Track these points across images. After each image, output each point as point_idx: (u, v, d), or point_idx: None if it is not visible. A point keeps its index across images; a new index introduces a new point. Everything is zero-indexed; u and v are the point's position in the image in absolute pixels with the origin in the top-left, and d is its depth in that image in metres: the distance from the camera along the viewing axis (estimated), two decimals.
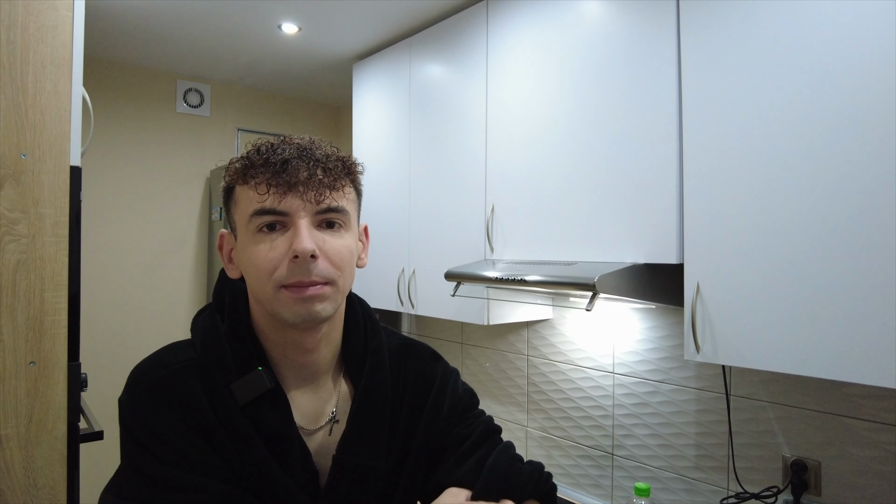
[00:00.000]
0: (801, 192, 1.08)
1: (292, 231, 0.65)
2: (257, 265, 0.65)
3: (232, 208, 0.70)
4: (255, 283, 0.67)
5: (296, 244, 0.64)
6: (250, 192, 0.66)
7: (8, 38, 1.13)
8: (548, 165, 1.58)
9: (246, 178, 0.67)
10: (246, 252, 0.67)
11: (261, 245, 0.65)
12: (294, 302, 0.65)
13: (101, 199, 2.63)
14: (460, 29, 1.91)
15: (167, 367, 0.67)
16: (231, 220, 0.71)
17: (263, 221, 0.65)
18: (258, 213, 0.65)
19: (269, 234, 0.65)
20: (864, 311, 0.99)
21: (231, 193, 0.70)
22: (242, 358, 0.69)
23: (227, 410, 0.66)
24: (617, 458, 1.75)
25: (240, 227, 0.68)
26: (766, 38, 1.14)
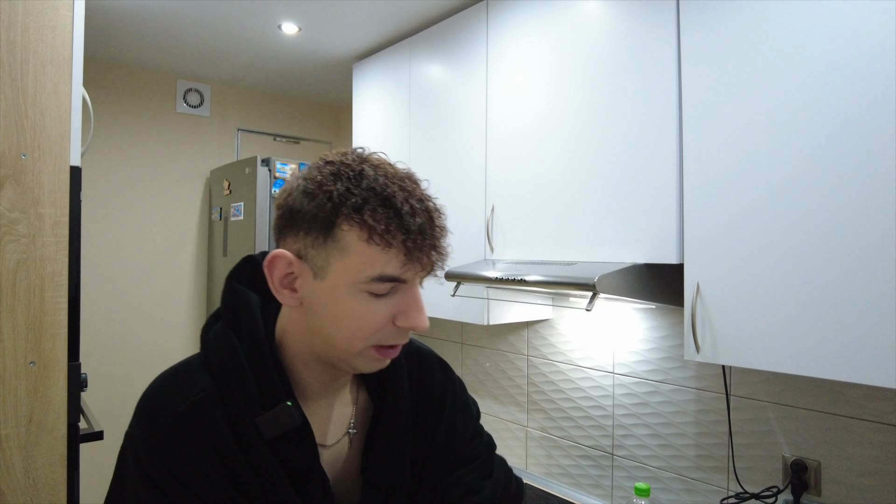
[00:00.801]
0: (801, 192, 1.08)
1: (403, 296, 0.61)
2: (359, 325, 0.61)
3: (331, 250, 0.59)
4: (341, 335, 0.62)
5: (417, 320, 0.61)
6: (378, 252, 0.58)
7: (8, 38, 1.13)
8: (548, 165, 1.58)
9: (373, 234, 0.58)
10: (344, 305, 0.60)
11: (368, 306, 0.60)
12: (378, 360, 0.64)
13: (101, 199, 2.63)
14: (460, 29, 1.91)
15: (186, 398, 0.62)
16: (317, 255, 0.60)
17: (384, 288, 0.60)
18: (382, 279, 0.59)
19: (379, 297, 0.61)
20: (864, 311, 0.99)
21: (332, 231, 0.59)
22: (267, 388, 0.63)
23: (251, 445, 0.62)
24: (617, 458, 1.75)
25: (339, 275, 0.60)
26: (767, 38, 1.14)
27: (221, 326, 0.67)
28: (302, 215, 0.60)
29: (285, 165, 2.44)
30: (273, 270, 0.63)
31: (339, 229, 0.59)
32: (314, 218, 0.60)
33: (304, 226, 0.61)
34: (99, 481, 2.62)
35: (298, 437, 0.64)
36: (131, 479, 0.62)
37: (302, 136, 3.20)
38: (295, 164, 2.47)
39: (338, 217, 0.59)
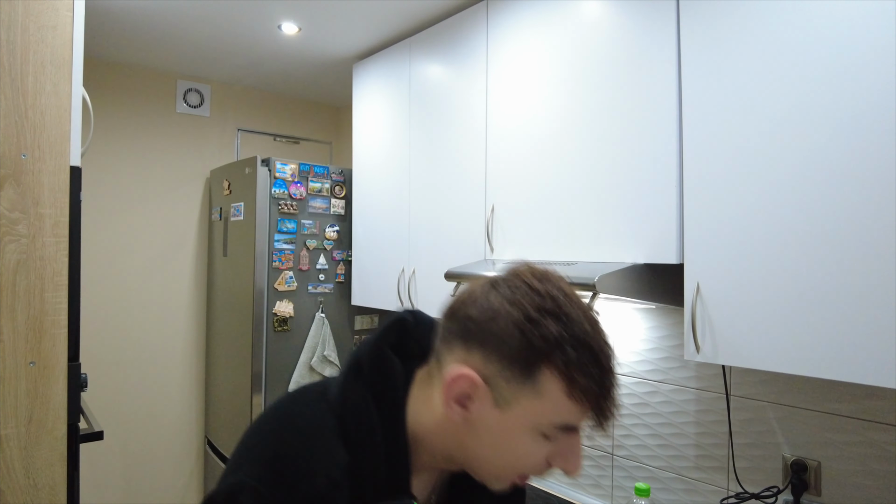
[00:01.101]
0: (801, 191, 1.08)
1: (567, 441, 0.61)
2: (518, 461, 0.61)
3: (526, 388, 0.58)
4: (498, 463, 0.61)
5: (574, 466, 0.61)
6: (573, 406, 0.58)
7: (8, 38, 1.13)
8: (548, 165, 1.58)
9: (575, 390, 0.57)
10: (514, 441, 0.60)
11: (535, 445, 0.60)
12: (514, 485, 0.64)
13: (101, 199, 2.63)
14: (460, 29, 1.91)
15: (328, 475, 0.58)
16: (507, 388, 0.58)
17: (555, 435, 0.59)
18: (567, 429, 0.59)
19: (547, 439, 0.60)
20: (864, 311, 0.99)
21: (535, 373, 0.57)
22: (394, 477, 0.61)
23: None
24: (617, 459, 1.75)
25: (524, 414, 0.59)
26: (766, 38, 1.14)
27: (364, 391, 0.63)
28: (503, 342, 0.58)
29: (285, 165, 2.44)
30: (453, 387, 0.60)
31: (542, 373, 0.57)
32: (518, 352, 0.57)
33: (502, 353, 0.58)
34: (99, 481, 2.63)
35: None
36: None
37: (302, 136, 3.20)
38: (295, 164, 2.47)
39: (545, 361, 0.57)
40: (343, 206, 2.60)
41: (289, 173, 2.45)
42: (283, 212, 2.43)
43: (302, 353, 2.47)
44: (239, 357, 2.50)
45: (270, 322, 2.40)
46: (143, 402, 2.75)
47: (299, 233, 2.48)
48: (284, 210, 2.43)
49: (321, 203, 2.55)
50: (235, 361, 2.54)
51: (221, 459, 2.66)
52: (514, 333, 0.57)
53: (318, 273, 2.53)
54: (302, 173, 2.49)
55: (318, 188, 2.53)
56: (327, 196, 2.56)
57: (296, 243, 2.47)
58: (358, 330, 2.65)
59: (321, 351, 2.48)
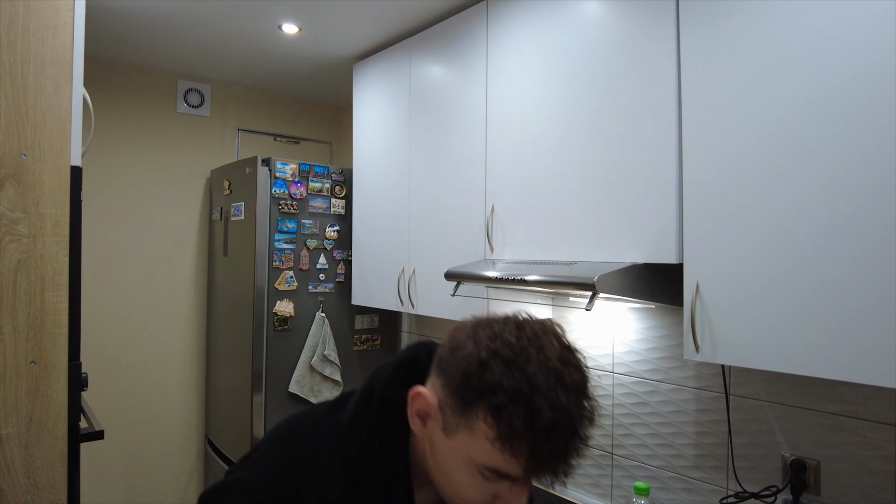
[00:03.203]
0: (800, 191, 1.08)
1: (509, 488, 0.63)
2: (462, 493, 0.64)
3: (462, 423, 0.61)
4: (446, 490, 0.66)
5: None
6: (498, 454, 0.59)
7: (8, 38, 1.13)
8: (548, 165, 1.58)
9: (502, 440, 0.57)
10: (456, 471, 0.63)
11: (475, 483, 0.62)
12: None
13: (102, 199, 2.63)
14: (460, 29, 1.91)
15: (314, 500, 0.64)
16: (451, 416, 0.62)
17: (493, 477, 0.61)
18: (496, 473, 0.61)
19: (488, 479, 0.62)
20: (864, 311, 0.99)
21: (468, 411, 0.60)
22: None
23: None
24: (616, 458, 1.75)
25: (459, 448, 0.62)
26: (766, 38, 1.14)
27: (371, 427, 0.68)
28: (453, 375, 0.62)
29: (285, 165, 2.44)
30: (414, 402, 0.65)
31: (475, 415, 0.59)
32: (460, 387, 0.61)
33: (451, 385, 0.62)
34: (99, 481, 2.64)
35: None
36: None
37: (302, 136, 3.21)
38: (295, 164, 2.47)
39: (478, 403, 0.59)
40: (343, 206, 2.60)
41: (289, 173, 2.45)
42: (284, 211, 2.43)
43: (302, 353, 2.47)
44: (239, 356, 2.51)
45: (271, 322, 2.41)
46: (144, 402, 2.75)
47: (299, 232, 2.48)
48: (285, 210, 2.44)
49: (321, 203, 2.55)
50: (236, 361, 2.55)
51: (222, 459, 2.66)
52: (462, 369, 0.60)
53: (319, 273, 2.53)
54: (302, 173, 2.49)
55: (319, 188, 2.54)
56: (327, 196, 2.56)
57: (296, 243, 2.47)
58: (358, 329, 2.66)
59: (321, 350, 2.49)
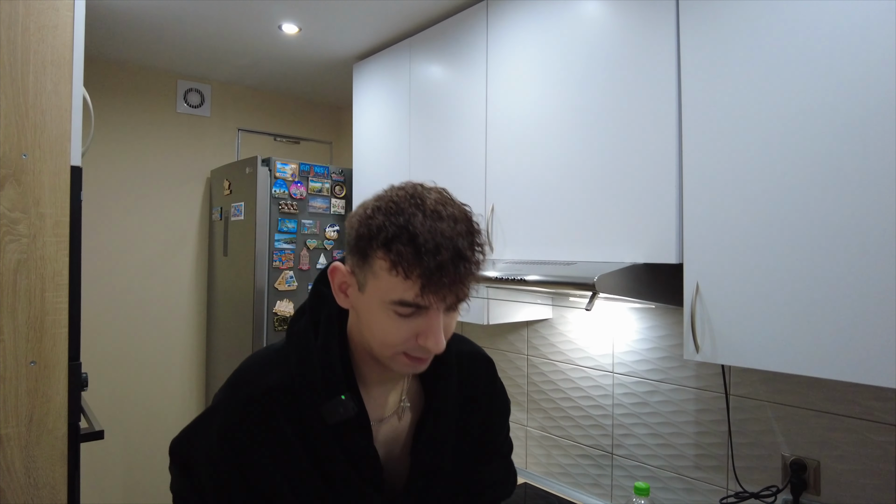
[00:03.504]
0: (801, 191, 1.08)
1: (425, 321, 0.69)
2: (385, 337, 0.70)
3: (367, 271, 0.69)
4: (374, 342, 0.72)
5: (431, 343, 0.69)
6: (398, 281, 0.66)
7: (8, 38, 1.14)
8: (548, 165, 1.58)
9: (396, 266, 0.65)
10: (375, 317, 0.71)
11: (394, 322, 0.69)
12: (409, 365, 0.73)
13: (102, 199, 2.63)
14: (460, 29, 1.91)
15: (261, 385, 0.76)
16: (359, 272, 0.71)
17: (405, 311, 0.68)
18: (402, 304, 0.67)
19: (403, 317, 0.69)
20: (864, 311, 0.99)
21: (368, 258, 0.68)
22: (330, 382, 0.75)
23: (315, 429, 0.74)
24: (616, 458, 1.75)
25: (372, 293, 0.70)
26: (766, 38, 1.14)
27: (304, 324, 0.79)
28: (352, 238, 0.71)
29: (285, 165, 2.44)
30: (333, 277, 0.76)
31: (372, 257, 0.68)
32: (358, 241, 0.70)
33: (350, 246, 0.72)
34: (100, 481, 2.64)
35: (356, 423, 0.75)
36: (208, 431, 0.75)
37: (302, 136, 3.21)
38: (295, 164, 2.47)
39: (371, 247, 0.68)
40: (343, 206, 2.60)
41: (289, 173, 2.45)
42: (284, 211, 2.43)
43: None
44: (239, 356, 2.51)
45: (271, 322, 2.41)
46: (144, 402, 2.75)
47: (299, 232, 2.48)
48: (285, 210, 2.44)
49: (321, 203, 2.55)
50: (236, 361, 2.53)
51: None
52: (356, 227, 0.71)
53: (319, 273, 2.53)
54: (302, 173, 2.49)
55: (319, 188, 2.54)
56: (327, 196, 2.56)
57: (296, 243, 2.47)
58: None
59: None
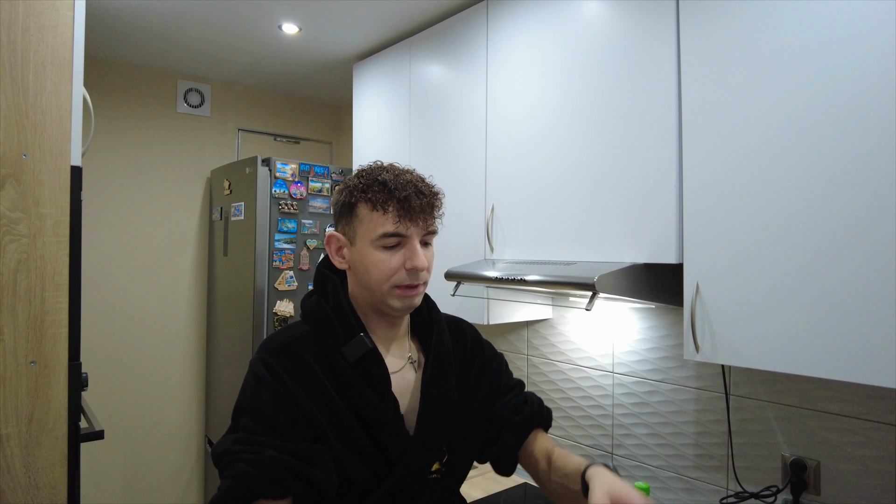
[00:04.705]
0: (800, 191, 1.08)
1: (407, 249, 0.88)
2: (380, 270, 0.88)
3: (354, 222, 0.89)
4: (372, 280, 0.89)
5: (415, 261, 0.87)
6: (379, 216, 0.87)
7: (8, 38, 1.13)
8: (548, 165, 1.58)
9: (375, 205, 0.87)
10: (368, 258, 0.88)
11: (383, 255, 0.88)
12: (403, 297, 0.90)
13: (102, 199, 2.63)
14: (460, 29, 1.91)
15: (291, 335, 0.89)
16: (348, 229, 0.91)
17: (390, 242, 0.87)
18: (388, 235, 0.86)
19: (390, 249, 0.87)
20: (864, 311, 0.99)
21: (353, 210, 0.89)
22: (347, 328, 0.90)
23: (340, 367, 0.87)
24: (616, 458, 1.75)
25: (361, 238, 0.89)
26: (766, 38, 1.14)
27: (315, 297, 0.95)
28: (338, 206, 0.93)
29: (285, 165, 2.44)
30: (329, 246, 0.95)
31: (357, 207, 0.89)
32: (343, 205, 0.91)
33: (340, 212, 0.92)
34: (99, 481, 2.64)
35: (372, 357, 0.89)
36: (243, 385, 0.87)
37: (302, 136, 3.21)
38: (295, 164, 2.47)
39: (353, 199, 0.89)
40: None
41: (289, 173, 2.45)
42: (284, 211, 2.43)
43: None
44: (239, 356, 2.51)
45: (271, 321, 2.41)
46: (144, 402, 2.75)
47: (300, 232, 2.48)
48: (285, 210, 2.44)
49: (321, 203, 2.55)
50: (236, 361, 2.54)
51: None
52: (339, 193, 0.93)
53: None
54: (302, 173, 2.49)
55: (319, 188, 2.54)
56: (327, 196, 2.56)
57: (296, 243, 2.47)
58: None
59: None
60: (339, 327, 0.89)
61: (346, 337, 0.89)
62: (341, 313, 0.91)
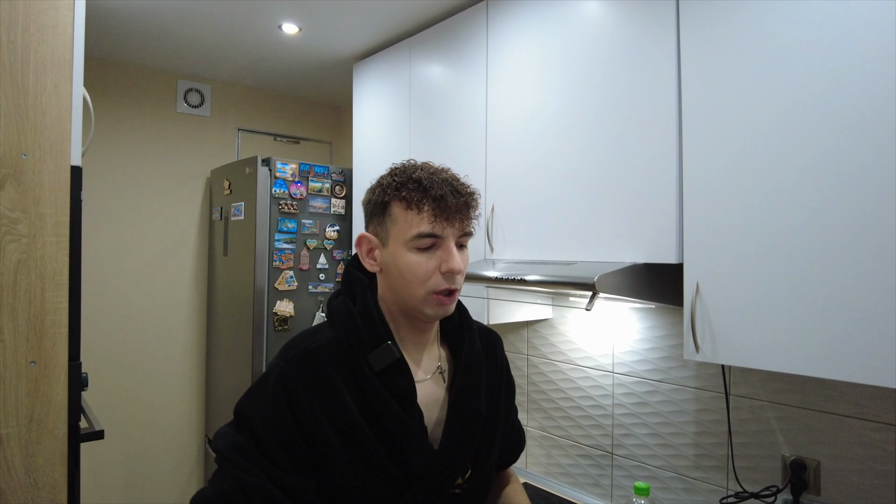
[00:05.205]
0: (800, 191, 1.08)
1: (443, 251, 0.83)
2: (415, 273, 0.83)
3: (387, 222, 0.85)
4: (406, 285, 0.84)
5: (452, 263, 0.83)
6: (413, 215, 0.82)
7: (8, 38, 1.13)
8: (548, 165, 1.58)
9: (409, 204, 0.82)
10: (401, 260, 0.84)
11: (418, 258, 0.83)
12: (439, 304, 0.85)
13: (102, 199, 2.63)
14: (460, 29, 1.91)
15: (315, 341, 0.85)
16: (380, 229, 0.86)
17: (425, 243, 0.83)
18: (422, 235, 0.82)
19: (425, 251, 0.83)
20: (864, 311, 0.99)
21: (387, 209, 0.85)
22: (374, 335, 0.85)
23: (365, 376, 0.83)
24: (616, 458, 1.75)
25: (395, 238, 0.84)
26: (766, 38, 1.14)
27: (342, 298, 0.91)
28: (370, 206, 0.88)
29: (286, 165, 2.44)
30: (360, 247, 0.90)
31: (390, 206, 0.85)
32: (375, 204, 0.87)
33: (372, 211, 0.88)
34: (99, 481, 2.64)
35: (399, 367, 0.85)
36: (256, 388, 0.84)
37: (302, 136, 3.21)
38: (295, 164, 2.47)
39: (386, 198, 0.85)
40: (343, 206, 2.60)
41: (289, 173, 2.45)
42: (284, 211, 2.43)
43: None
44: (239, 356, 2.51)
45: (271, 321, 2.41)
46: (144, 402, 2.75)
47: (300, 232, 2.48)
48: (285, 210, 2.44)
49: (321, 203, 2.55)
50: (236, 361, 2.54)
51: None
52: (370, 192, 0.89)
53: (319, 272, 2.53)
54: (302, 173, 2.49)
55: (319, 188, 2.54)
56: (327, 196, 2.56)
57: (296, 243, 2.47)
58: None
59: None
60: (365, 333, 0.85)
61: (372, 344, 0.85)
62: (369, 319, 0.86)
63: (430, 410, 0.89)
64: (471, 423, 0.89)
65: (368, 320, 0.86)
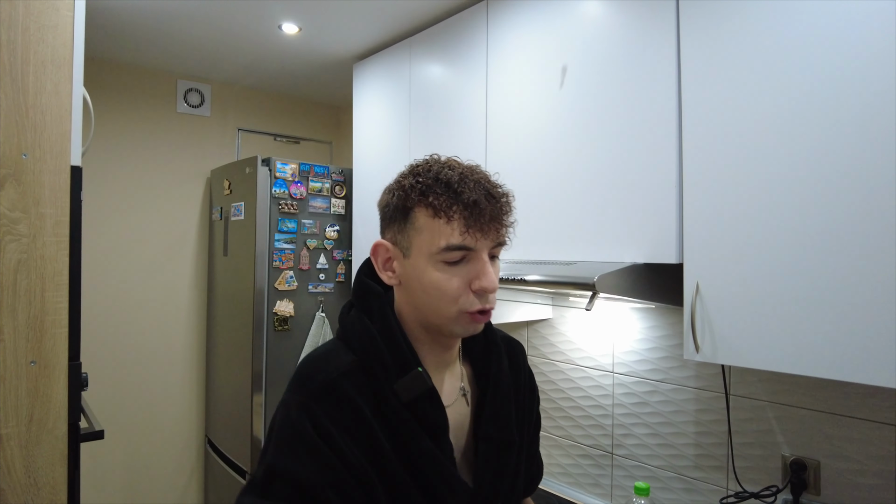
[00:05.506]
0: (800, 191, 1.08)
1: (473, 265, 0.72)
2: (443, 291, 0.72)
3: (409, 231, 0.74)
4: (431, 304, 0.74)
5: (484, 281, 0.72)
6: (442, 224, 0.71)
7: (8, 38, 1.13)
8: (548, 165, 1.58)
9: (437, 211, 0.71)
10: (426, 276, 0.73)
11: (445, 274, 0.72)
12: (471, 323, 0.75)
13: (102, 199, 2.63)
14: (460, 29, 1.91)
15: (336, 369, 0.73)
16: (401, 237, 0.75)
17: (454, 257, 0.71)
18: (452, 248, 0.71)
19: (454, 265, 0.72)
20: (864, 311, 0.99)
21: (409, 215, 0.73)
22: (399, 360, 0.74)
23: (392, 407, 0.72)
24: (616, 458, 1.75)
25: (418, 250, 0.73)
26: (766, 38, 1.14)
27: (357, 313, 0.79)
28: (388, 209, 0.77)
29: (285, 165, 2.44)
30: (376, 257, 0.79)
31: (413, 213, 0.73)
32: (396, 208, 0.75)
33: (391, 217, 0.76)
34: (100, 480, 2.64)
35: (430, 398, 0.74)
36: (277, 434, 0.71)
37: (302, 136, 3.21)
38: (295, 164, 2.47)
39: (409, 203, 0.73)
40: (343, 206, 2.60)
41: (289, 173, 2.45)
42: (284, 211, 2.43)
43: (302, 353, 2.47)
44: (239, 356, 2.51)
45: (271, 321, 2.41)
46: (144, 402, 2.75)
47: (300, 232, 2.48)
48: (285, 210, 2.44)
49: (321, 203, 2.55)
50: (236, 361, 2.54)
51: (222, 459, 2.66)
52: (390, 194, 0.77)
53: (319, 273, 2.53)
54: (302, 173, 2.49)
55: (319, 188, 2.54)
56: (327, 196, 2.56)
57: (296, 243, 2.47)
58: None
59: None
60: (390, 358, 0.74)
61: (398, 370, 0.74)
62: (393, 341, 0.75)
63: (457, 438, 0.80)
64: (504, 453, 0.81)
65: (392, 343, 0.75)
